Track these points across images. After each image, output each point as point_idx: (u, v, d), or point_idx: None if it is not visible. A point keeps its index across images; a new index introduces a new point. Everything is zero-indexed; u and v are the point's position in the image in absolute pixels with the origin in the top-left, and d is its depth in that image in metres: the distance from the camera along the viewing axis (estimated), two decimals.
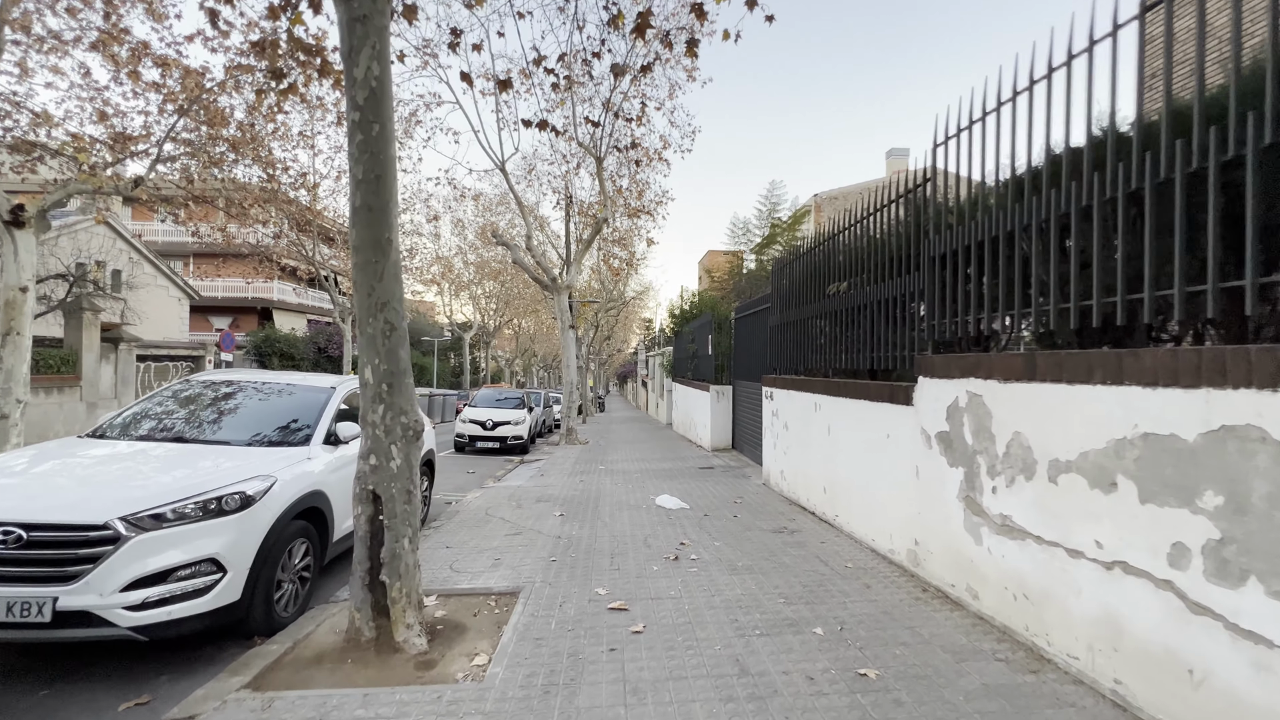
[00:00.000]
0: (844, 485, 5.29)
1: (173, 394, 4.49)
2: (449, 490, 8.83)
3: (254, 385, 4.65)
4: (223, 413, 4.27)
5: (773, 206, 15.97)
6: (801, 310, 6.77)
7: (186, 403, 4.37)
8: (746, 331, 11.36)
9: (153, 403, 4.36)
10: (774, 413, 7.53)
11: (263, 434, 4.09)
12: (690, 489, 7.85)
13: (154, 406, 4.31)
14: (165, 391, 4.53)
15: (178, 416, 4.19)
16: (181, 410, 4.28)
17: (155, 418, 4.18)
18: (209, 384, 4.63)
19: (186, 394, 4.50)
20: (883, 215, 4.91)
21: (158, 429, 4.05)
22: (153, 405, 4.33)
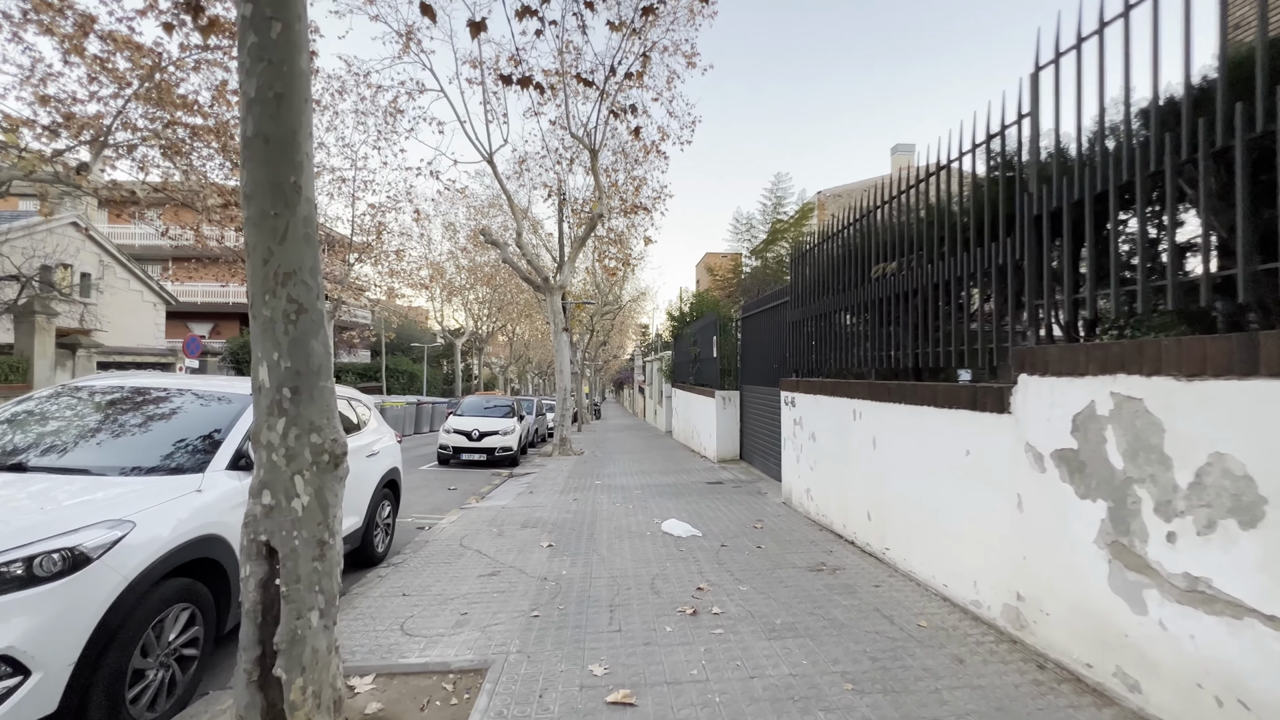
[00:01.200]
0: (899, 512, 4.27)
1: (36, 404, 3.44)
2: (423, 512, 7.77)
3: (150, 392, 3.60)
4: (95, 429, 3.22)
5: (778, 201, 15.04)
6: (831, 301, 5.78)
7: (50, 416, 3.32)
8: (755, 331, 10.37)
9: (3, 414, 3.31)
10: (796, 421, 6.52)
11: (142, 457, 3.04)
12: (700, 510, 6.81)
13: (2, 419, 3.26)
14: (30, 401, 3.49)
15: (31, 434, 3.15)
16: (40, 426, 3.23)
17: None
18: (89, 391, 3.58)
19: (57, 404, 3.45)
20: (944, 177, 3.93)
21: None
22: (1, 417, 3.28)
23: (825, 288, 6.03)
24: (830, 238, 5.90)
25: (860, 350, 5.14)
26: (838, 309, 5.64)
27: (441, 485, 9.97)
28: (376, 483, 5.09)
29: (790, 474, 6.75)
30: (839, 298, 5.58)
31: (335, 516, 2.49)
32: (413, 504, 8.29)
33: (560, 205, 18.18)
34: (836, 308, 5.65)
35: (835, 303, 5.67)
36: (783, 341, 8.25)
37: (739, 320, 11.66)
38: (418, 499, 8.72)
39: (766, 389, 9.47)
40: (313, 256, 2.54)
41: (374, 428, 5.41)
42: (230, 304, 28.59)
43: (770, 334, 9.20)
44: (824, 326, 6.08)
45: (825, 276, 6.03)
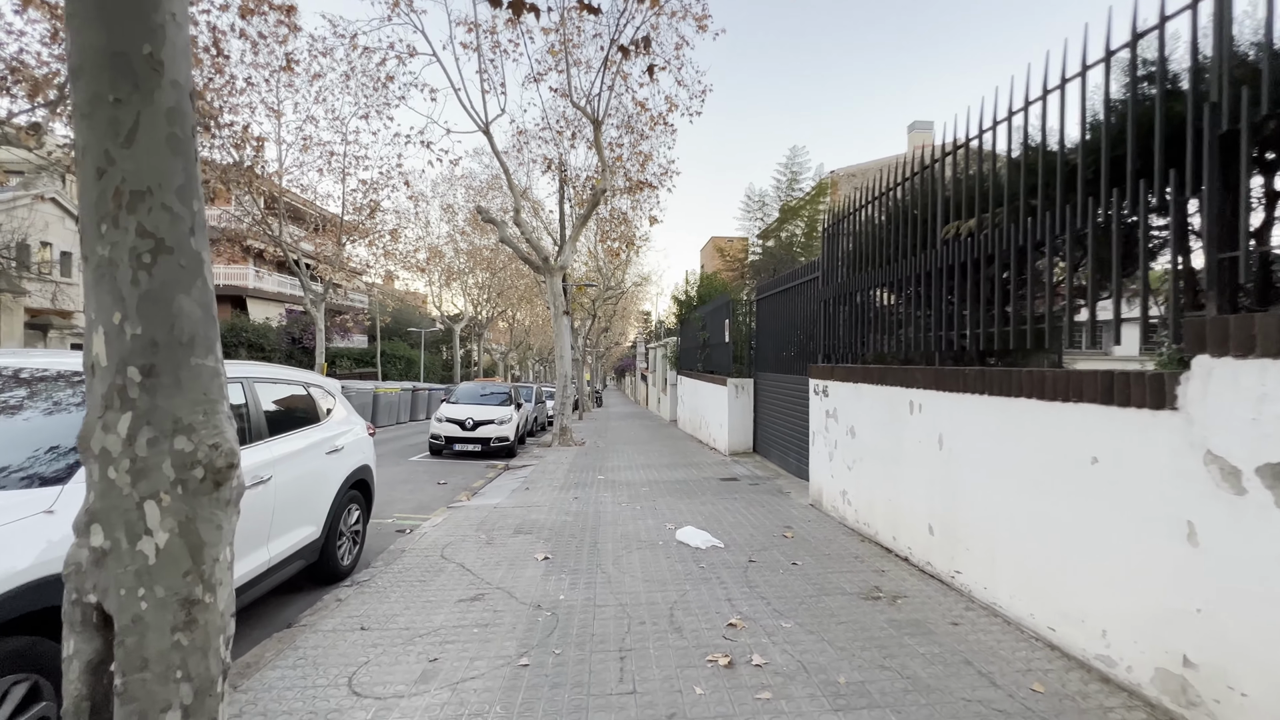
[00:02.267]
0: (978, 529, 3.45)
1: None
2: (407, 510, 6.97)
3: (23, 373, 2.77)
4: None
5: (793, 177, 14.10)
6: (875, 274, 4.92)
7: None
8: (772, 314, 9.52)
9: None
10: (830, 413, 5.69)
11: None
12: (716, 513, 6.01)
13: None
14: None
15: None
16: None
17: None
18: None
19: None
20: (1057, 101, 3.06)
21: None
22: None
23: (867, 259, 5.17)
24: (875, 200, 5.03)
25: (914, 331, 4.30)
26: (885, 283, 4.78)
27: (431, 479, 9.19)
28: (340, 484, 4.28)
29: (820, 473, 5.94)
30: (886, 270, 4.72)
31: (219, 561, 1.66)
32: (396, 501, 7.50)
33: (561, 182, 17.27)
34: (883, 281, 4.80)
35: (881, 276, 4.81)
36: (809, 324, 7.40)
37: (753, 302, 10.80)
38: (402, 495, 7.93)
39: (785, 377, 8.63)
40: (184, 172, 1.68)
41: (340, 419, 4.60)
42: (221, 285, 27.65)
43: (791, 316, 8.35)
44: (865, 304, 5.23)
45: (868, 246, 5.17)
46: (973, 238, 3.61)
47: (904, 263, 4.45)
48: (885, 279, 4.76)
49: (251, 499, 3.23)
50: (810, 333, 7.29)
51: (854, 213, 5.52)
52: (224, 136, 10.91)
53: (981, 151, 3.64)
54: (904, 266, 4.44)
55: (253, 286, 28.54)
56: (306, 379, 4.32)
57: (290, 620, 3.49)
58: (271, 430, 3.63)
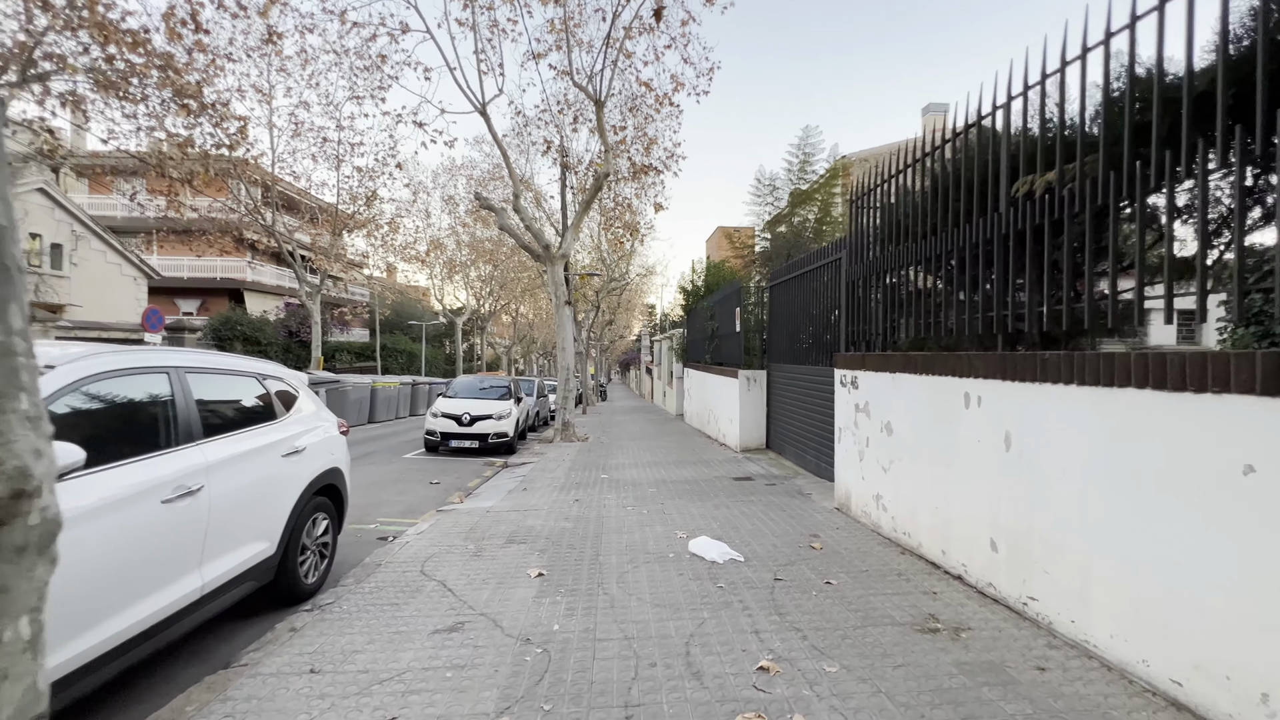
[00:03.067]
0: (1062, 548, 2.84)
1: None
2: (394, 514, 6.40)
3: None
4: None
5: (805, 158, 13.41)
6: (918, 249, 4.28)
7: None
8: (788, 301, 8.88)
9: None
10: (860, 407, 5.07)
11: None
12: (732, 518, 5.41)
13: None
14: None
15: None
16: None
17: None
18: None
19: None
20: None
21: None
22: None
23: (905, 232, 4.53)
24: (915, 164, 4.39)
25: (966, 311, 3.67)
26: (928, 257, 4.14)
27: (423, 478, 8.63)
28: (301, 491, 3.69)
29: (848, 474, 5.33)
30: (929, 243, 4.09)
31: (5, 641, 1.07)
32: (382, 504, 6.93)
33: (563, 167, 16.64)
34: (926, 256, 4.16)
35: (922, 250, 4.18)
36: (830, 309, 6.78)
37: (766, 288, 10.17)
38: (391, 496, 7.36)
39: (802, 368, 8.01)
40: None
41: (303, 416, 4.01)
42: (218, 279, 27.21)
43: (809, 302, 7.71)
44: (901, 284, 4.60)
45: (906, 218, 4.53)
46: (1051, 194, 2.97)
47: (953, 233, 3.82)
48: (928, 253, 4.12)
49: (173, 515, 2.65)
50: (832, 319, 6.67)
51: (888, 180, 4.88)
52: (205, 116, 10.29)
53: (1065, 91, 2.99)
54: (953, 237, 3.81)
55: (251, 279, 28.06)
56: (260, 369, 3.72)
57: (230, 658, 2.91)
58: (208, 431, 3.03)
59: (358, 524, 5.97)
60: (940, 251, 3.98)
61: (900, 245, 4.60)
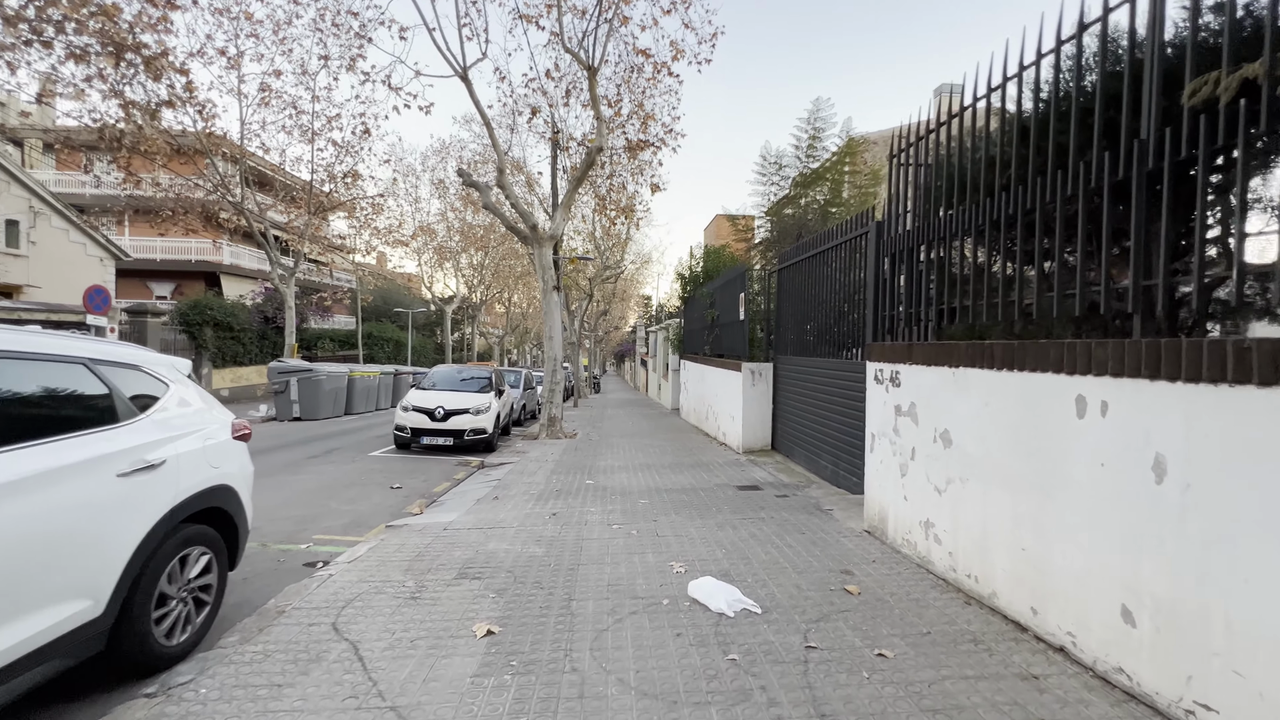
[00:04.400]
0: (1271, 643, 1.84)
1: None
2: (335, 531, 5.37)
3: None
4: None
5: (815, 133, 12.33)
6: (992, 207, 3.26)
7: None
8: (800, 285, 7.87)
9: None
10: (902, 409, 4.07)
11: None
12: (741, 543, 4.41)
13: None
14: None
15: None
16: None
17: None
18: None
19: None
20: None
21: None
22: None
23: (970, 187, 3.52)
24: (996, 90, 3.36)
25: (1079, 286, 2.66)
26: (1007, 217, 3.12)
27: (386, 481, 7.59)
28: (154, 522, 2.66)
29: (884, 490, 4.33)
30: (1010, 198, 3.06)
31: None
32: (327, 515, 5.91)
33: (553, 143, 15.54)
34: (1003, 216, 3.14)
35: (999, 209, 3.16)
36: (853, 293, 5.77)
37: (774, 271, 9.15)
38: (340, 505, 6.33)
39: (816, 361, 7.01)
40: None
41: (168, 417, 2.97)
42: (193, 261, 25.96)
43: (827, 285, 6.71)
44: (962, 255, 3.59)
45: (973, 168, 3.51)
46: (1254, 94, 1.95)
47: (1052, 181, 2.80)
48: (1007, 211, 3.10)
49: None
50: (857, 303, 5.66)
51: (942, 126, 3.85)
52: (138, 66, 9.11)
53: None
54: (1052, 186, 2.79)
55: (229, 263, 26.79)
56: (93, 353, 2.67)
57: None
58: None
59: (288, 543, 4.94)
60: (1033, 204, 2.96)
61: (964, 205, 3.58)
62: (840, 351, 6.44)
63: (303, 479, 7.52)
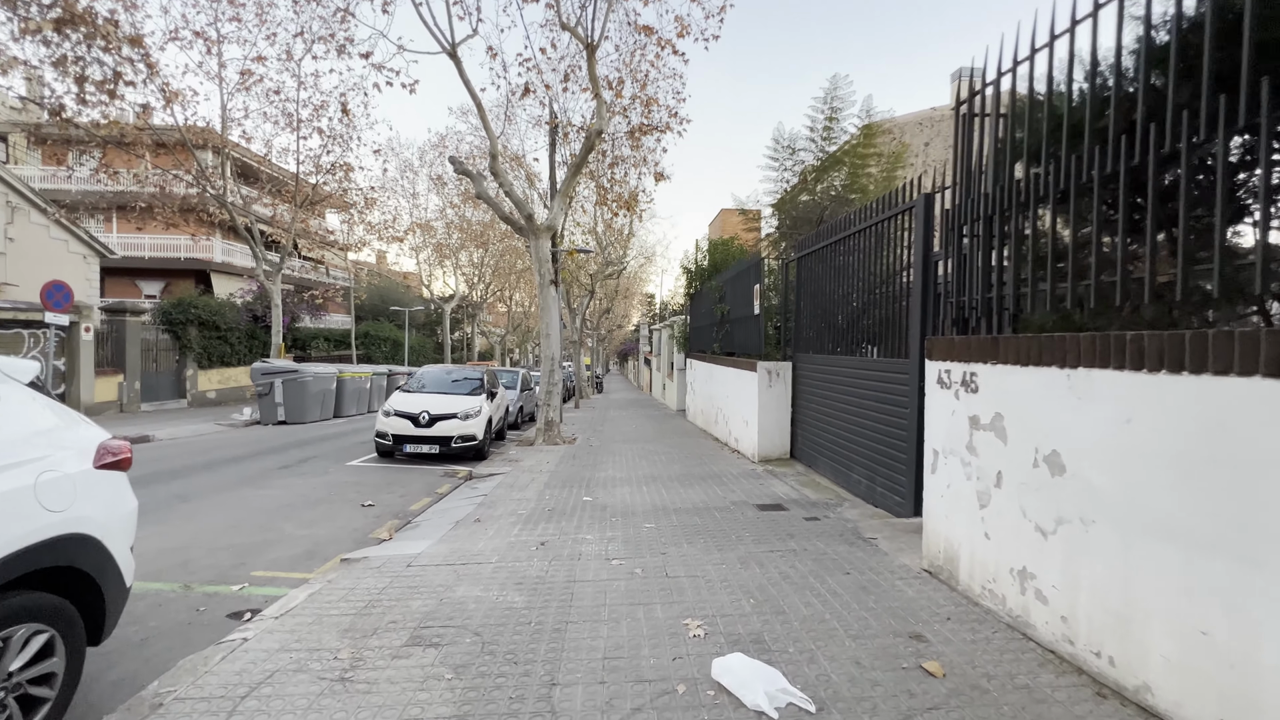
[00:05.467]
0: None
1: None
2: (281, 563, 4.51)
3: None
4: None
5: (832, 114, 11.41)
6: (1112, 156, 2.36)
7: None
8: (824, 275, 6.99)
9: None
10: (981, 421, 3.17)
11: None
12: (772, 587, 3.53)
13: None
14: None
15: None
16: None
17: None
18: None
19: None
20: None
21: None
22: None
23: (1075, 135, 2.62)
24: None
25: None
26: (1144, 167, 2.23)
27: (358, 496, 6.73)
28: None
29: (952, 521, 3.44)
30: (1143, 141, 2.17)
31: None
32: (278, 541, 5.04)
33: (551, 129, 14.65)
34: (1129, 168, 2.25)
35: (1119, 156, 2.27)
36: (890, 278, 4.89)
37: (793, 261, 8.26)
38: (298, 528, 5.46)
39: (846, 359, 6.12)
40: None
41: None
42: (183, 259, 25.18)
43: (859, 274, 5.82)
44: (1074, 220, 2.70)
45: (1092, 104, 2.61)
46: None
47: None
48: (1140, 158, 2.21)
49: None
50: (896, 294, 4.77)
51: (1039, 53, 2.95)
52: (85, 33, 8.26)
53: None
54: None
55: (220, 260, 25.97)
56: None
57: None
58: None
59: (217, 583, 4.08)
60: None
61: (1068, 159, 2.68)
62: (876, 349, 5.55)
63: (264, 495, 6.67)
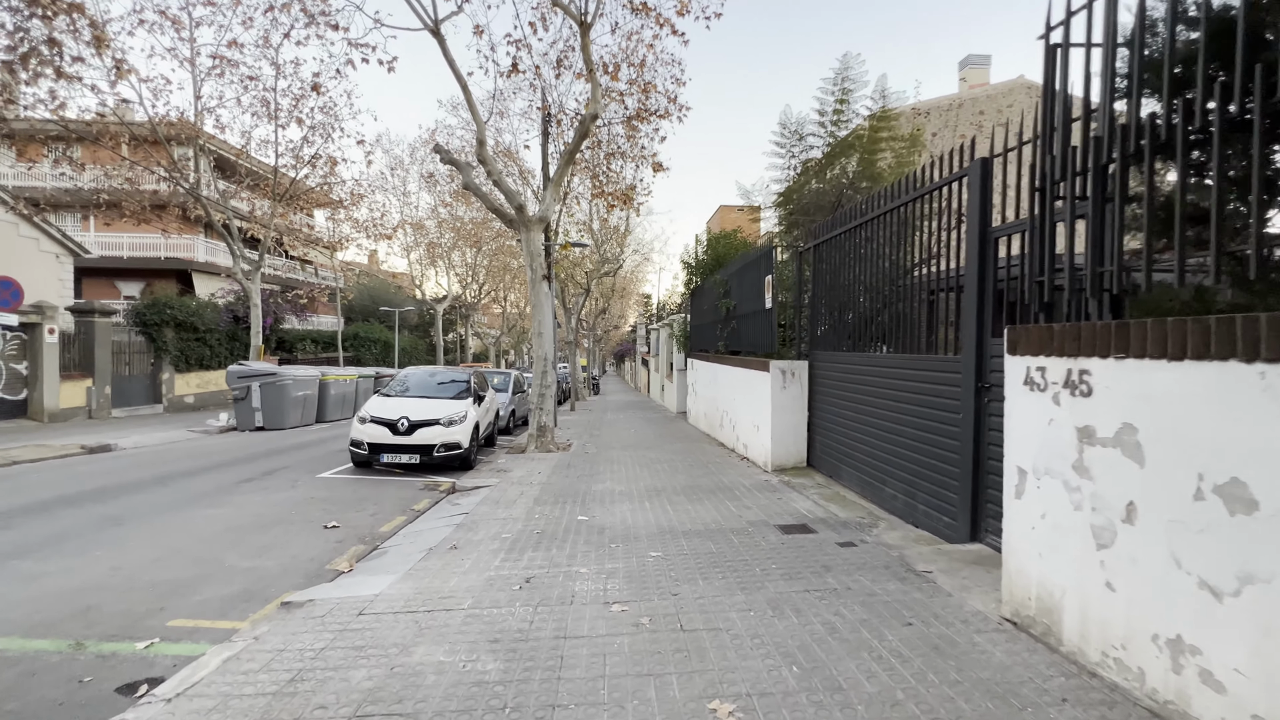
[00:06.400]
0: None
1: None
2: (208, 608, 3.68)
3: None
4: None
5: (843, 95, 10.66)
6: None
7: None
8: (843, 265, 6.24)
9: None
10: (1102, 435, 2.40)
11: None
12: (816, 647, 2.75)
13: None
14: None
15: None
16: None
17: None
18: None
19: None
20: None
21: None
22: None
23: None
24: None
25: None
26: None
27: (323, 515, 5.92)
28: None
29: (1052, 562, 2.67)
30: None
31: None
32: (213, 577, 4.22)
33: (544, 115, 13.86)
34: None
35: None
36: (926, 258, 4.15)
37: (807, 250, 7.49)
38: (241, 557, 4.65)
39: (874, 358, 5.36)
40: None
41: None
42: (163, 259, 24.26)
43: (891, 259, 5.07)
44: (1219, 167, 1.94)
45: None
46: None
47: None
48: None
49: None
50: (938, 280, 4.02)
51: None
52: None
53: None
54: None
55: (203, 260, 25.05)
56: None
57: None
58: None
59: (121, 637, 3.27)
60: None
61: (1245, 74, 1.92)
62: (917, 344, 4.79)
63: (213, 515, 5.86)
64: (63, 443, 10.46)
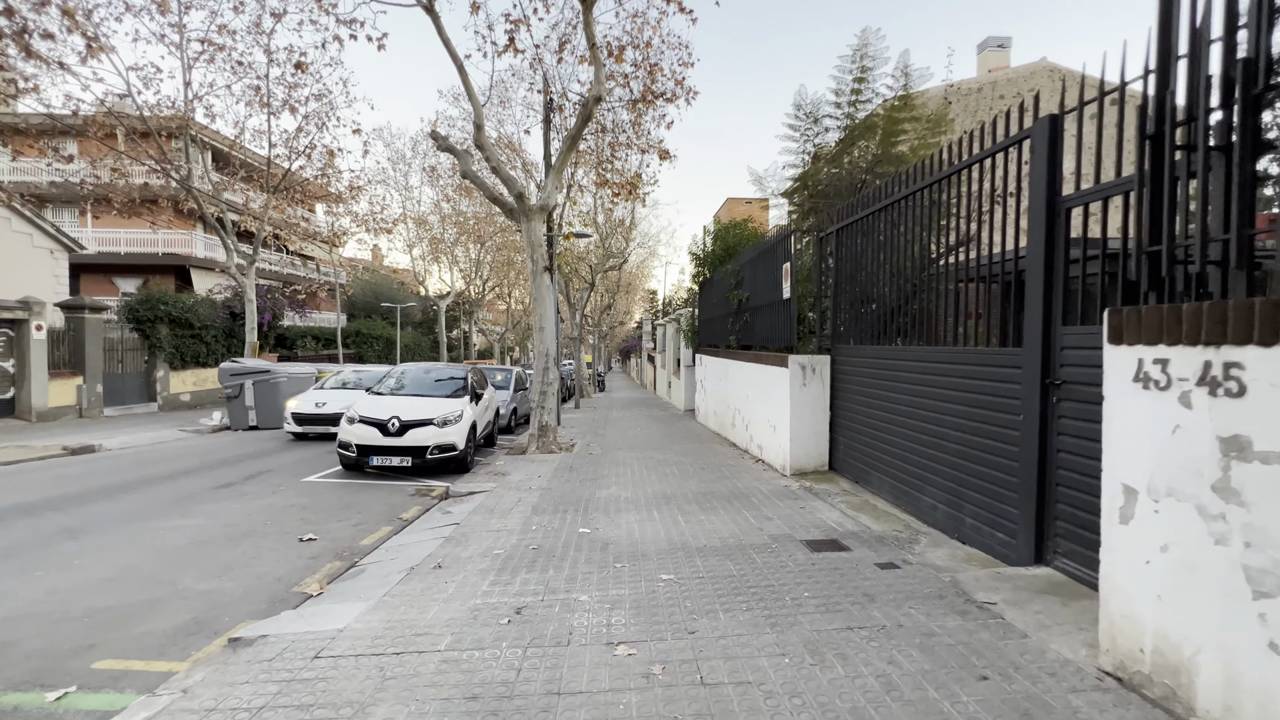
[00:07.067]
0: None
1: None
2: (145, 648, 3.12)
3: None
4: None
5: (861, 75, 10.02)
6: None
7: None
8: (870, 250, 5.65)
9: None
10: (1257, 447, 1.82)
11: None
12: (867, 706, 2.18)
13: None
14: None
15: None
16: None
17: None
18: None
19: None
20: None
21: None
22: None
23: None
24: None
25: None
26: None
27: (299, 528, 5.39)
28: None
29: (1181, 610, 2.09)
30: None
31: None
32: (166, 604, 3.69)
33: (547, 107, 13.29)
34: None
35: None
36: (986, 242, 3.56)
37: (829, 235, 6.89)
38: (200, 580, 4.12)
39: (911, 351, 4.76)
40: None
41: None
42: (161, 254, 23.86)
43: (926, 241, 4.48)
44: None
45: None
46: None
47: None
48: None
49: None
50: (992, 262, 3.42)
51: None
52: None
53: None
54: None
55: (202, 255, 24.63)
56: None
57: None
58: None
59: (31, 686, 2.74)
60: None
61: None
62: (963, 335, 4.20)
63: (180, 526, 5.34)
64: (45, 444, 10.00)
